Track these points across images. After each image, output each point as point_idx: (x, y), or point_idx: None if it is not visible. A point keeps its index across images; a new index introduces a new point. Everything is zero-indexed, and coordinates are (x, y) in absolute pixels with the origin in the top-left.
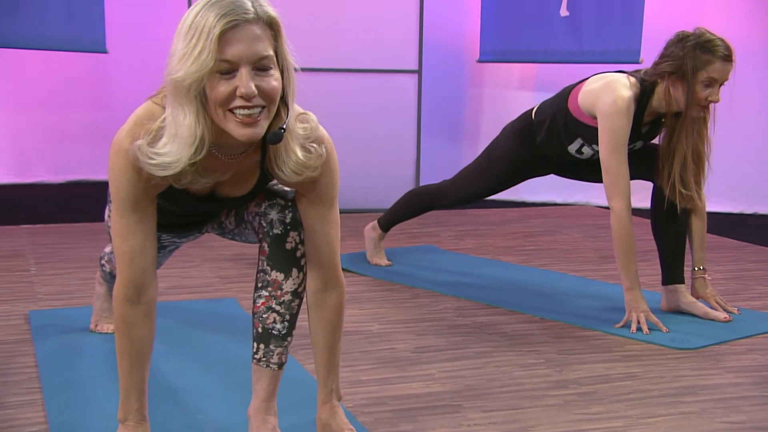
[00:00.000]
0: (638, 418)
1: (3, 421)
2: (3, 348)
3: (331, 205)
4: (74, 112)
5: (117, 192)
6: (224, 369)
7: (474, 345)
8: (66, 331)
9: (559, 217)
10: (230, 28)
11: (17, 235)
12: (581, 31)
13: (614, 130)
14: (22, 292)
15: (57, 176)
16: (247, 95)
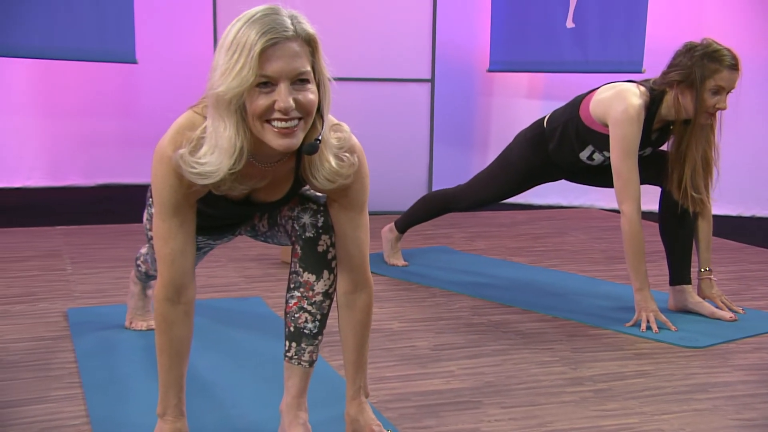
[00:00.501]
0: (653, 415)
1: (46, 414)
2: (44, 344)
3: (361, 210)
4: (105, 120)
5: (159, 197)
6: (254, 365)
7: (491, 343)
8: (102, 328)
9: (566, 220)
10: (271, 45)
11: (53, 236)
12: (586, 42)
13: (625, 136)
14: (59, 290)
15: (88, 180)
16: (285, 110)
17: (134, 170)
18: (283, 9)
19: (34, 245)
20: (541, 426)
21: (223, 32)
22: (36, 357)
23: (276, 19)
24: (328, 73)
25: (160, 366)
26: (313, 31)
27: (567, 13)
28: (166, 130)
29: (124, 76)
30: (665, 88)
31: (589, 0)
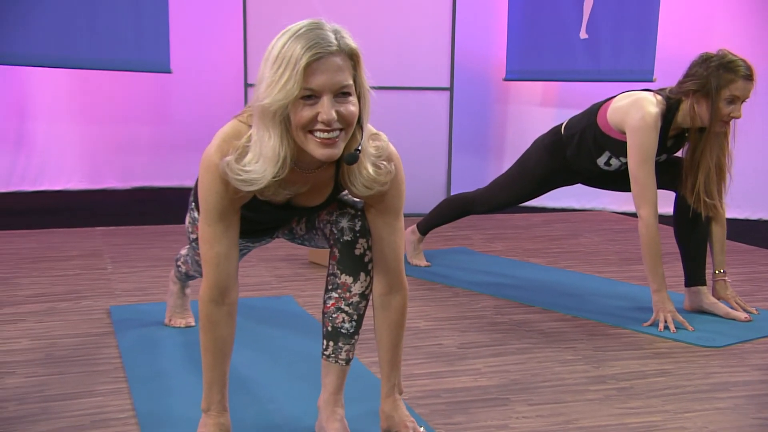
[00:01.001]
0: (676, 413)
1: (95, 407)
2: (89, 340)
3: (397, 215)
4: (139, 126)
5: (206, 203)
6: (288, 362)
7: (514, 342)
8: (143, 325)
9: (579, 222)
10: (315, 59)
11: (93, 237)
12: (599, 52)
13: (642, 143)
14: (101, 288)
15: (124, 183)
16: (328, 122)
17: (167, 174)
18: (326, 24)
19: (76, 245)
20: (568, 423)
21: (268, 45)
22: (82, 352)
23: (320, 34)
24: (368, 85)
25: (205, 364)
26: (355, 46)
27: (580, 25)
28: (211, 139)
29: (157, 84)
30: (681, 97)
31: (602, 12)
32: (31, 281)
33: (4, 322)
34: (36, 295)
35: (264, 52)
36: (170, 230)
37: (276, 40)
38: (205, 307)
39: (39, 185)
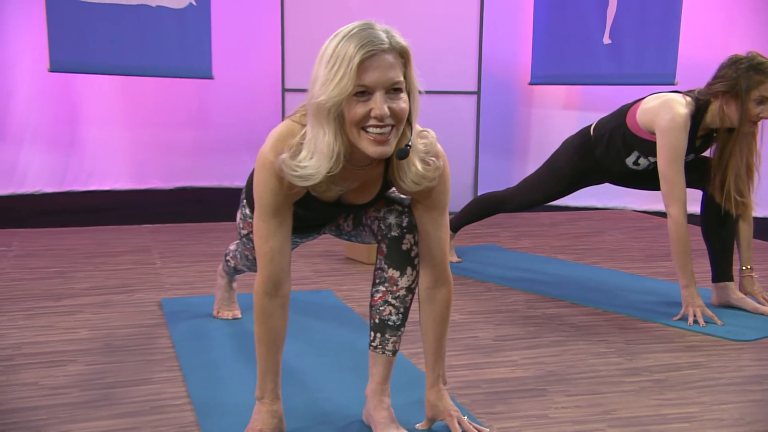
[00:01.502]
0: (711, 405)
1: (152, 394)
2: (143, 331)
3: (443, 212)
4: (181, 129)
5: (260, 199)
6: (333, 352)
7: (548, 334)
8: (193, 317)
9: (602, 220)
10: (368, 57)
11: (141, 234)
12: (622, 57)
13: (672, 144)
14: (151, 282)
15: (167, 183)
16: (381, 117)
17: (207, 175)
18: (377, 24)
19: (126, 241)
20: (606, 413)
21: (321, 48)
22: (138, 342)
23: (372, 33)
24: (417, 83)
25: (259, 354)
26: (406, 44)
27: (604, 30)
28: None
29: (199, 90)
30: (710, 98)
31: (625, 17)
32: (87, 275)
33: (64, 313)
34: (92, 288)
35: (300, 58)
36: (212, 228)
37: (329, 41)
38: (260, 299)
39: (89, 185)
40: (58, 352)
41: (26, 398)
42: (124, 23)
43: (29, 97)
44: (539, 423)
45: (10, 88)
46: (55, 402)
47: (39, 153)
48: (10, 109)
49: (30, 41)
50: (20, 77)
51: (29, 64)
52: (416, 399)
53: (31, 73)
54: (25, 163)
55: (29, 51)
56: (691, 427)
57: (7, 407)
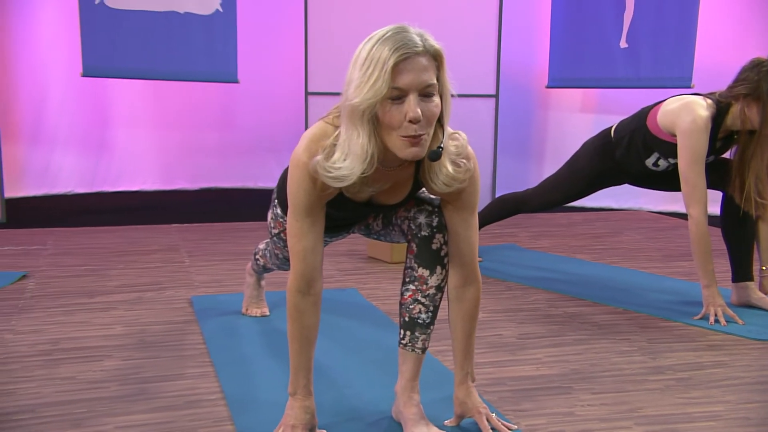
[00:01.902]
0: (737, 404)
1: (186, 389)
2: (175, 327)
3: (472, 212)
4: (207, 132)
5: (294, 199)
6: (359, 349)
7: (570, 333)
8: (222, 314)
9: (619, 221)
10: (402, 59)
11: (170, 232)
12: (639, 60)
13: (693, 145)
14: (181, 279)
15: (192, 184)
16: (415, 119)
17: (231, 176)
18: (411, 27)
19: (155, 240)
20: (632, 411)
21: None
22: (170, 338)
23: (406, 36)
24: (450, 86)
25: (291, 351)
26: (439, 47)
27: (621, 35)
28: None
29: (224, 94)
30: (731, 101)
31: (642, 22)
32: (119, 273)
33: (98, 309)
34: (124, 286)
35: (323, 63)
36: (237, 227)
37: (363, 44)
38: (293, 297)
39: (118, 186)
40: (95, 347)
41: (66, 392)
42: (153, 29)
43: (62, 101)
44: (566, 420)
45: (44, 93)
46: (93, 396)
47: (71, 155)
48: (44, 113)
49: (64, 47)
50: (54, 82)
51: (63, 70)
52: (444, 396)
53: (65, 77)
54: (57, 165)
55: (63, 57)
56: (718, 426)
57: (48, 400)
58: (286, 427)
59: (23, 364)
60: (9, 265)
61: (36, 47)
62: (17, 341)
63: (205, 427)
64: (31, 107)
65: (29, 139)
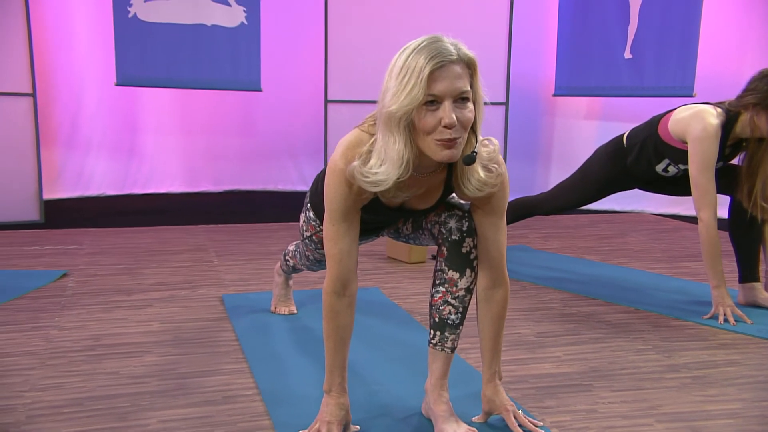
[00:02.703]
0: (753, 401)
1: (222, 385)
2: (208, 324)
3: (501, 216)
4: (229, 137)
5: (331, 203)
6: (385, 347)
7: (586, 332)
8: (253, 312)
9: (623, 223)
10: (438, 68)
11: (197, 233)
12: (642, 70)
13: (704, 152)
14: (211, 278)
15: (216, 186)
16: (450, 125)
17: (253, 179)
18: (445, 37)
19: (184, 240)
20: (652, 409)
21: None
22: (204, 335)
23: (441, 45)
24: (483, 93)
25: (327, 349)
26: (473, 55)
27: (625, 46)
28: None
29: (246, 101)
30: (740, 110)
31: (645, 33)
32: (152, 272)
33: (136, 306)
34: (158, 284)
35: (341, 72)
36: (260, 228)
37: (399, 54)
38: (328, 298)
39: (147, 189)
40: (134, 343)
41: (110, 386)
42: (182, 41)
43: (96, 109)
44: (589, 417)
45: (79, 101)
46: (135, 390)
47: (103, 159)
48: (79, 120)
49: (99, 59)
50: (88, 91)
51: (98, 80)
52: (468, 393)
53: (99, 87)
54: (91, 169)
55: (98, 67)
56: (736, 424)
57: (94, 394)
58: (322, 423)
59: (69, 359)
60: (50, 264)
61: (73, 59)
62: (62, 337)
63: (244, 421)
64: (67, 115)
65: (65, 144)
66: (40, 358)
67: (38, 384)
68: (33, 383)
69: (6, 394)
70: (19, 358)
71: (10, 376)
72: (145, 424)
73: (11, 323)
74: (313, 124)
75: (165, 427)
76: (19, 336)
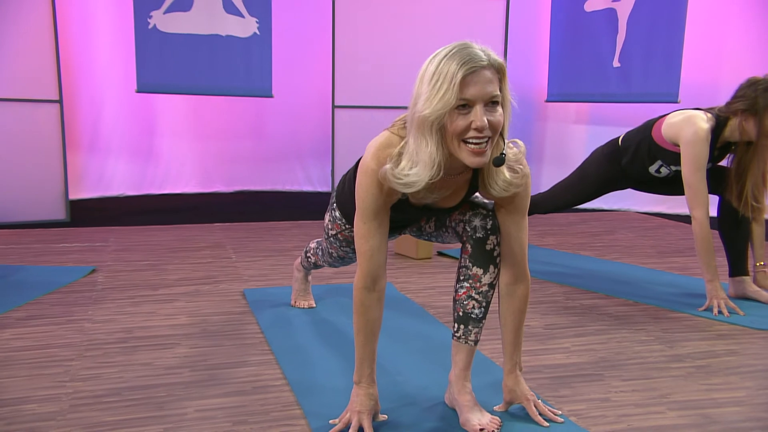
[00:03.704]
0: (756, 390)
1: (252, 375)
2: (233, 317)
3: (523, 215)
4: (241, 141)
5: (362, 203)
6: (403, 339)
7: (591, 324)
8: (274, 305)
9: (611, 221)
10: (470, 73)
11: (214, 231)
12: (630, 78)
13: (696, 154)
14: (231, 274)
15: (228, 187)
16: (481, 127)
17: (262, 180)
18: (474, 44)
19: (202, 238)
20: (663, 397)
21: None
22: (230, 328)
23: (472, 51)
24: (510, 97)
25: (357, 342)
26: (502, 61)
27: (614, 55)
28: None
29: (257, 107)
30: (729, 115)
31: (633, 43)
32: (176, 267)
33: (163, 300)
34: (182, 279)
35: (348, 79)
36: (272, 226)
37: (429, 62)
38: (359, 293)
39: (163, 189)
40: (164, 336)
41: (145, 377)
42: (199, 50)
43: (116, 114)
44: (604, 406)
45: (101, 107)
46: (170, 381)
47: (123, 162)
48: (100, 125)
49: (120, 68)
50: (109, 98)
51: (119, 87)
52: (486, 383)
53: (120, 93)
54: (111, 170)
55: (119, 76)
56: (744, 411)
57: (131, 384)
58: (353, 412)
59: (104, 351)
60: (78, 260)
61: (96, 68)
62: (96, 330)
63: (276, 410)
64: (90, 121)
65: (88, 147)
66: (77, 350)
67: (78, 374)
68: (73, 374)
69: (49, 384)
70: (58, 350)
71: (52, 367)
72: (183, 413)
73: (48, 316)
74: (319, 129)
75: (202, 416)
76: (56, 328)
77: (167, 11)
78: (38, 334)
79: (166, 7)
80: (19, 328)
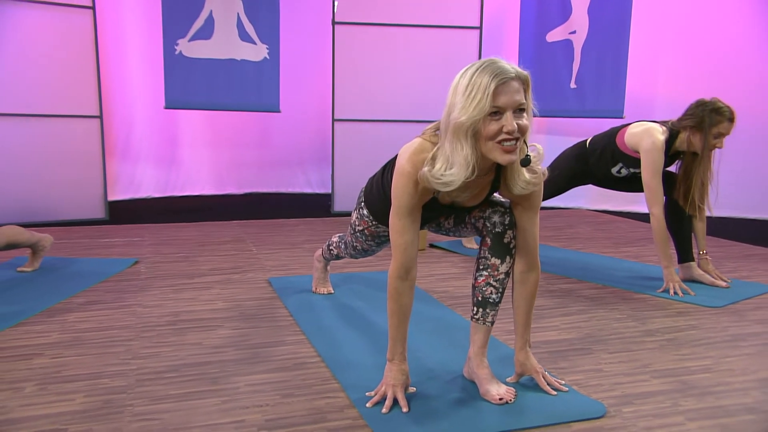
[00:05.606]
0: (719, 358)
1: (290, 353)
2: (264, 302)
3: (537, 211)
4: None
5: (398, 201)
6: (414, 321)
7: (572, 305)
8: (298, 292)
9: (569, 217)
10: (501, 84)
11: (232, 227)
12: (584, 97)
13: (654, 161)
14: (255, 264)
15: (239, 189)
16: (511, 131)
17: (268, 183)
18: (500, 59)
19: (224, 233)
20: (645, 367)
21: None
22: (263, 312)
23: (501, 65)
24: (533, 105)
25: (390, 324)
26: (527, 74)
27: (571, 78)
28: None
29: (264, 120)
30: (680, 129)
31: (586, 69)
32: (206, 259)
33: (200, 288)
34: (213, 270)
35: (347, 95)
36: (283, 223)
37: (460, 76)
38: (394, 281)
39: (183, 191)
40: (207, 318)
41: (197, 355)
42: (217, 72)
43: (145, 127)
44: (599, 375)
45: (133, 121)
46: (219, 358)
47: (150, 167)
48: (132, 136)
49: (150, 87)
50: (139, 113)
51: (148, 104)
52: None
53: (149, 110)
54: (140, 175)
55: (148, 94)
56: (713, 377)
57: (186, 362)
58: (387, 386)
59: (158, 332)
60: (122, 253)
61: (128, 88)
62: (147, 314)
63: (317, 384)
64: (123, 133)
65: (121, 156)
66: (134, 331)
67: (139, 353)
68: (134, 352)
69: (115, 361)
70: (118, 331)
71: (115, 346)
72: (236, 387)
73: (103, 302)
74: (318, 139)
75: (253, 390)
76: (112, 313)
77: (191, 39)
78: (99, 317)
79: (190, 35)
80: (81, 312)
